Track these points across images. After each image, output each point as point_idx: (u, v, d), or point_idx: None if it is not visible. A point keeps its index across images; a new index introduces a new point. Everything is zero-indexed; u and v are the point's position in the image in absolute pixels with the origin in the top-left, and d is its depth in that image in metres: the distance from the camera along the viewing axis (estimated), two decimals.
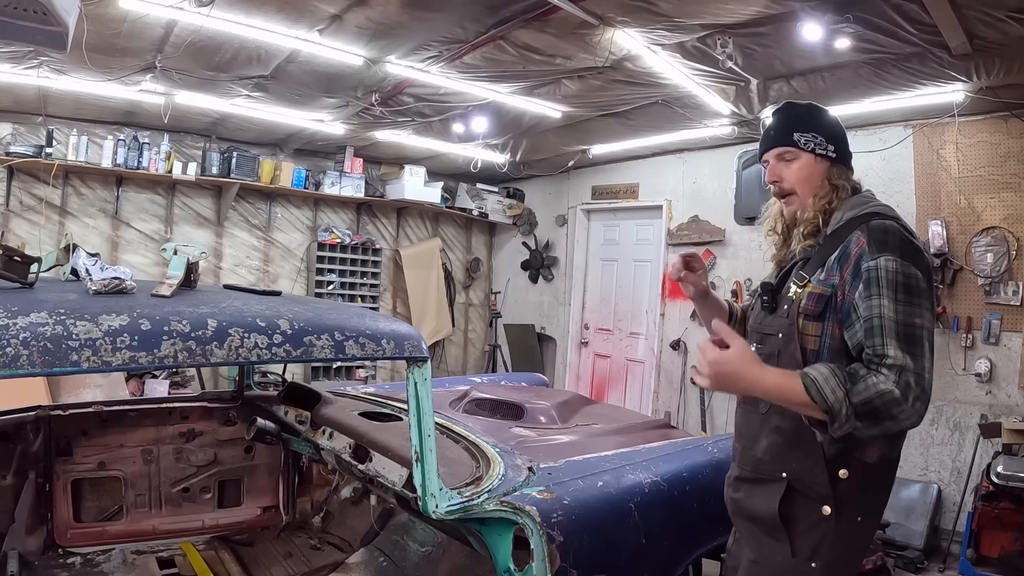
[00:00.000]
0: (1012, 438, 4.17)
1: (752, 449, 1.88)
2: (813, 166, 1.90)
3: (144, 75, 4.87)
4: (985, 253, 4.60)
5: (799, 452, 1.75)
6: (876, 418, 1.55)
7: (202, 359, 1.68)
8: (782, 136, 1.93)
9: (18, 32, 2.38)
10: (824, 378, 1.58)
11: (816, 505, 1.72)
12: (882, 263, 1.66)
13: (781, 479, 1.78)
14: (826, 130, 1.92)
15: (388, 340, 2.04)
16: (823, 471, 1.71)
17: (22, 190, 6.02)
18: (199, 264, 2.20)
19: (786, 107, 2.00)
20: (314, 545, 3.20)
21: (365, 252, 7.87)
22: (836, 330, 1.73)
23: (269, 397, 3.33)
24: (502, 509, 2.05)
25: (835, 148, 1.91)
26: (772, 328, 1.87)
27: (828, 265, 1.78)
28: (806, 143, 1.90)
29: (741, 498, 1.91)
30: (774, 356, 1.81)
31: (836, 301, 1.73)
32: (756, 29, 3.73)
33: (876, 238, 1.70)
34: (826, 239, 1.84)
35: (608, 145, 6.62)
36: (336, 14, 3.89)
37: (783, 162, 1.93)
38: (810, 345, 1.77)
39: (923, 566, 4.43)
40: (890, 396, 1.53)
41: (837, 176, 1.91)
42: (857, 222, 1.78)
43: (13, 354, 1.46)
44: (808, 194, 1.90)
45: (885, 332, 1.59)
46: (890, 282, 1.63)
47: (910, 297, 1.62)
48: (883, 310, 1.61)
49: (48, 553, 2.87)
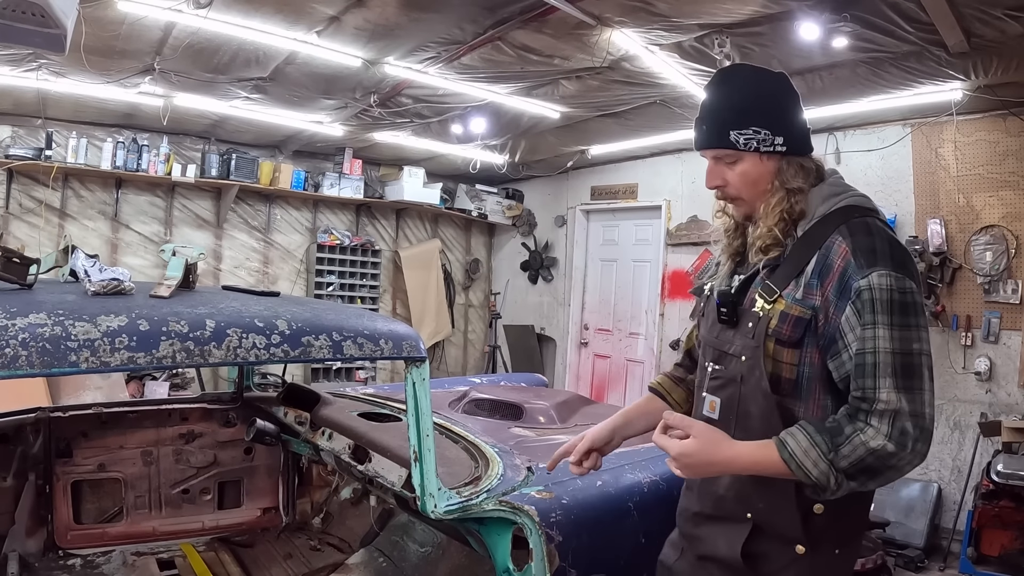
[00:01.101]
0: (1012, 436, 4.17)
1: (713, 484, 1.62)
2: (759, 167, 1.57)
3: (143, 77, 4.88)
4: (984, 251, 4.60)
5: (768, 490, 1.50)
6: (873, 473, 1.37)
7: (200, 360, 1.68)
8: (715, 135, 1.58)
9: (16, 34, 2.39)
10: (803, 450, 1.37)
11: (787, 546, 1.50)
12: (875, 281, 1.40)
13: (745, 520, 1.55)
14: (772, 118, 1.54)
15: (386, 340, 2.04)
16: (794, 511, 1.48)
17: (22, 192, 6.02)
18: (197, 265, 2.20)
19: (719, 82, 1.63)
20: (314, 546, 3.20)
21: (364, 253, 7.88)
22: (817, 357, 1.48)
23: (268, 398, 3.33)
24: (501, 509, 2.05)
25: (785, 139, 1.55)
26: (733, 348, 1.58)
27: (806, 279, 1.49)
28: (747, 143, 1.54)
29: (699, 536, 1.67)
30: (736, 382, 1.56)
31: (817, 325, 1.46)
32: (753, 29, 3.73)
33: (862, 245, 1.44)
34: (797, 242, 1.54)
35: (607, 145, 6.63)
36: (334, 16, 3.90)
37: (723, 164, 1.60)
38: (786, 374, 1.50)
39: (923, 565, 4.43)
40: (883, 451, 1.34)
41: (792, 176, 1.56)
42: (834, 220, 1.50)
43: (12, 355, 1.46)
44: (757, 199, 1.59)
45: (879, 371, 1.37)
46: (884, 304, 1.39)
47: (906, 318, 1.39)
48: (878, 343, 1.38)
49: (48, 555, 2.87)
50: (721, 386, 1.61)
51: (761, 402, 1.51)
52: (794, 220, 1.56)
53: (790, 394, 1.51)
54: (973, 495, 4.31)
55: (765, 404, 1.51)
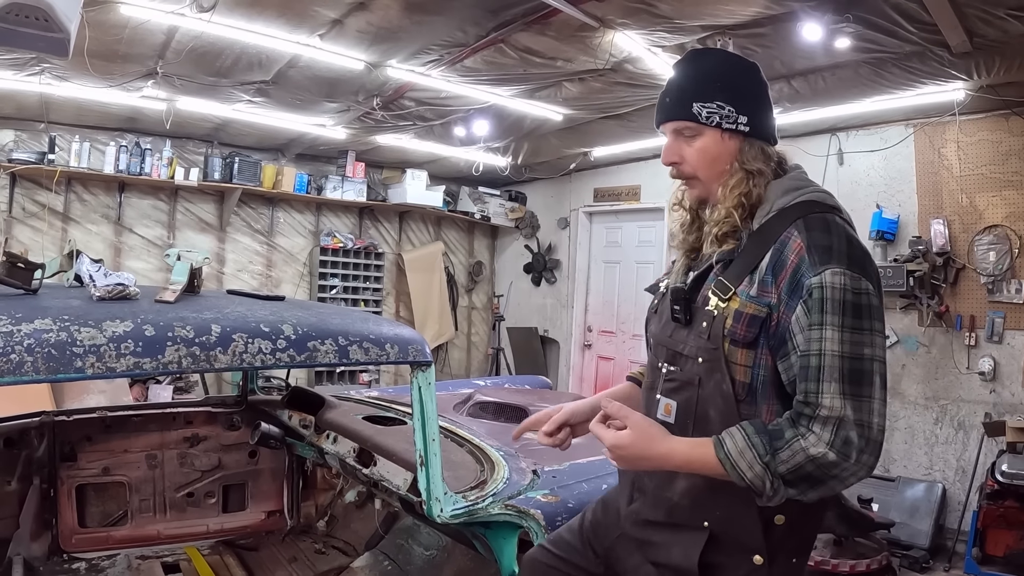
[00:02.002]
0: (1016, 436, 4.16)
1: (666, 490, 1.53)
2: (720, 145, 1.50)
3: (146, 81, 4.89)
4: (987, 251, 4.59)
5: (725, 497, 1.41)
6: (813, 482, 1.31)
7: (206, 365, 1.68)
8: (677, 106, 1.51)
9: (20, 39, 2.38)
10: (739, 451, 1.31)
11: (745, 555, 1.42)
12: (828, 279, 1.32)
13: (702, 528, 1.46)
14: (737, 95, 1.49)
15: (392, 345, 2.05)
16: (755, 520, 1.41)
17: (25, 197, 6.03)
18: (202, 269, 2.21)
19: (689, 60, 1.58)
20: (319, 549, 3.20)
21: (367, 256, 7.88)
22: (770, 359, 1.41)
23: (273, 402, 3.34)
24: (507, 513, 2.05)
25: (749, 119, 1.48)
26: (688, 349, 1.50)
27: (760, 276, 1.42)
28: (709, 116, 1.48)
29: (652, 542, 1.57)
30: (694, 385, 1.48)
31: (771, 324, 1.39)
32: (756, 30, 3.73)
33: (818, 242, 1.37)
34: (752, 236, 1.47)
35: (609, 147, 6.62)
36: (337, 19, 3.91)
37: (682, 139, 1.53)
38: (740, 376, 1.42)
39: (928, 565, 4.42)
40: (823, 460, 1.28)
41: (752, 157, 1.49)
42: (792, 215, 1.43)
43: (18, 361, 1.46)
44: (714, 180, 1.53)
45: (823, 374, 1.30)
46: (836, 304, 1.31)
47: (859, 321, 1.32)
48: (824, 344, 1.31)
49: (53, 558, 2.87)
50: (676, 388, 1.52)
51: (721, 406, 1.44)
52: (751, 207, 1.48)
53: (745, 398, 1.43)
54: (978, 495, 4.30)
55: (725, 408, 1.43)
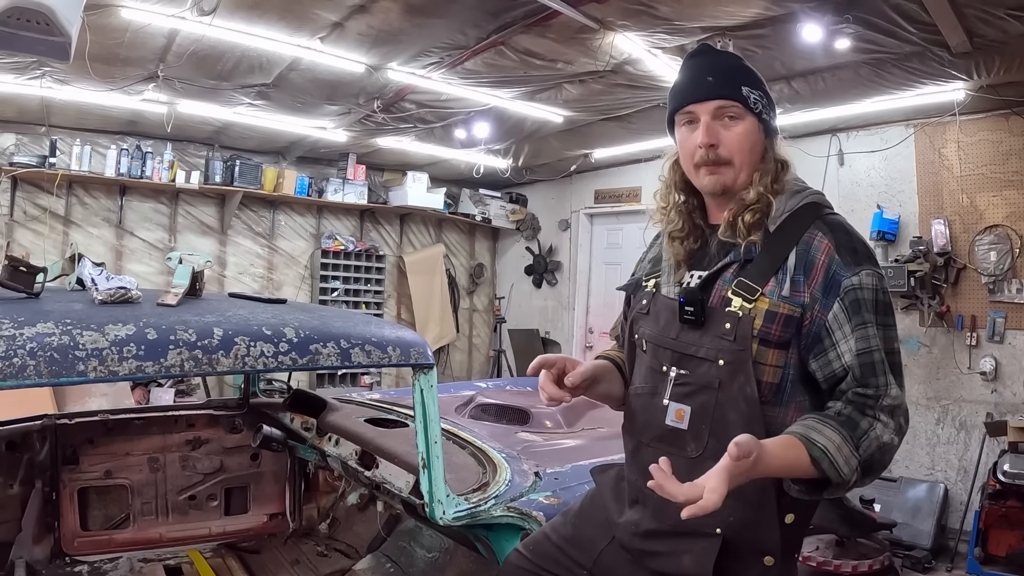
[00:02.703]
0: (1018, 436, 4.16)
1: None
2: (757, 134, 1.50)
3: (146, 84, 4.89)
4: (988, 251, 4.59)
5: (741, 503, 1.37)
6: (877, 468, 1.35)
7: (208, 368, 1.68)
8: (728, 86, 1.48)
9: (21, 43, 2.39)
10: (836, 447, 1.29)
11: (757, 557, 1.42)
12: (865, 281, 1.38)
13: (715, 535, 1.43)
14: (767, 94, 1.53)
15: (394, 347, 2.05)
16: (771, 522, 1.41)
17: (26, 200, 6.03)
18: (204, 273, 2.21)
19: (714, 53, 1.59)
20: (321, 552, 3.20)
21: (369, 259, 7.88)
22: (798, 357, 1.42)
23: (275, 404, 3.33)
24: (509, 515, 2.05)
25: (772, 117, 1.53)
26: (705, 351, 1.46)
27: (789, 275, 1.42)
28: (755, 102, 1.48)
29: (656, 551, 1.52)
30: (712, 388, 1.44)
31: (804, 323, 1.40)
32: (756, 31, 3.74)
33: (844, 243, 1.41)
34: (770, 236, 1.46)
35: (610, 149, 6.62)
36: (337, 22, 3.91)
37: (723, 121, 1.48)
38: (768, 377, 1.41)
39: (931, 566, 4.42)
40: (890, 446, 1.33)
41: (778, 148, 1.53)
42: (806, 216, 1.45)
43: (20, 364, 1.46)
44: (747, 167, 1.49)
45: (885, 368, 1.36)
46: (874, 304, 1.38)
47: (888, 318, 1.40)
48: (877, 341, 1.37)
49: (55, 561, 2.87)
50: (691, 393, 1.47)
51: (744, 408, 1.41)
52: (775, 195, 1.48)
53: (770, 399, 1.42)
54: (980, 495, 4.30)
55: (748, 410, 1.41)
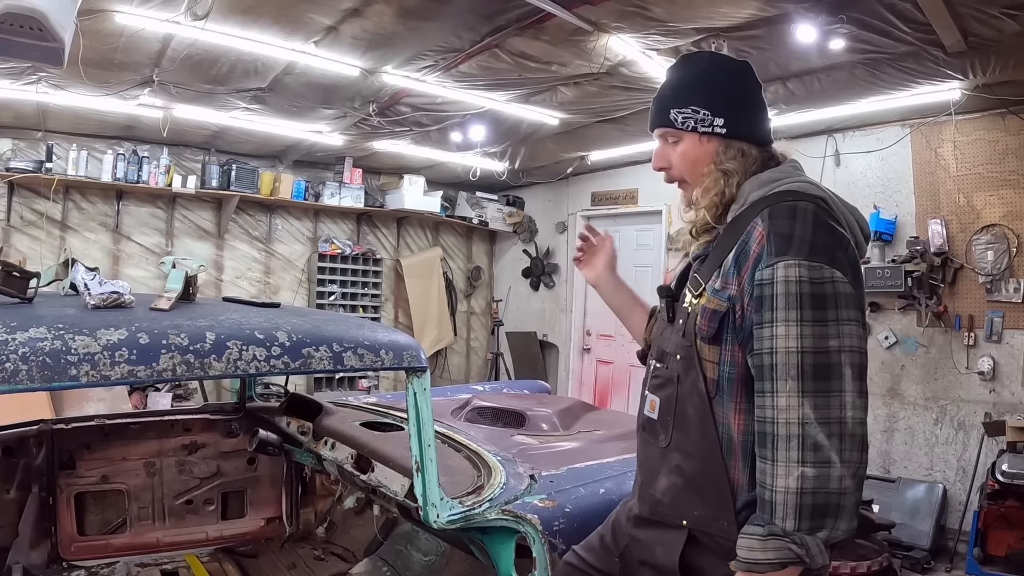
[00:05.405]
0: (1016, 436, 4.15)
1: (651, 487, 1.54)
2: (698, 148, 1.53)
3: (142, 89, 4.89)
4: (985, 251, 4.60)
5: (702, 498, 1.42)
6: (825, 511, 1.24)
7: (200, 372, 1.68)
8: (658, 114, 1.56)
9: (14, 48, 2.39)
10: (748, 549, 1.27)
11: (721, 560, 1.36)
12: (780, 272, 1.29)
13: (681, 527, 1.45)
14: (713, 98, 1.50)
15: (386, 350, 2.05)
16: (732, 523, 1.38)
17: (23, 205, 6.04)
18: (198, 277, 2.21)
19: (674, 67, 1.61)
20: (318, 555, 3.19)
21: (366, 262, 7.88)
22: (739, 355, 1.38)
23: (271, 408, 3.33)
24: (504, 518, 2.05)
25: (725, 120, 1.49)
26: (670, 345, 1.53)
27: (724, 268, 1.41)
28: (684, 122, 1.51)
29: (639, 539, 1.58)
30: (673, 382, 1.49)
31: (735, 318, 1.37)
32: (750, 32, 3.73)
33: (778, 229, 1.33)
34: (725, 230, 1.47)
35: (606, 151, 6.63)
36: (331, 26, 3.91)
37: (668, 144, 1.58)
38: (710, 373, 1.41)
39: (930, 566, 4.41)
40: (806, 485, 1.23)
41: (729, 158, 1.50)
42: (762, 205, 1.41)
43: (12, 369, 1.46)
44: (697, 182, 1.55)
45: (777, 373, 1.27)
46: (790, 298, 1.27)
47: (822, 312, 1.26)
48: (776, 342, 1.28)
49: (52, 567, 2.87)
50: (660, 385, 1.54)
51: (697, 403, 1.43)
52: (726, 205, 1.50)
53: (715, 395, 1.41)
54: (979, 495, 4.29)
55: (701, 405, 1.43)
